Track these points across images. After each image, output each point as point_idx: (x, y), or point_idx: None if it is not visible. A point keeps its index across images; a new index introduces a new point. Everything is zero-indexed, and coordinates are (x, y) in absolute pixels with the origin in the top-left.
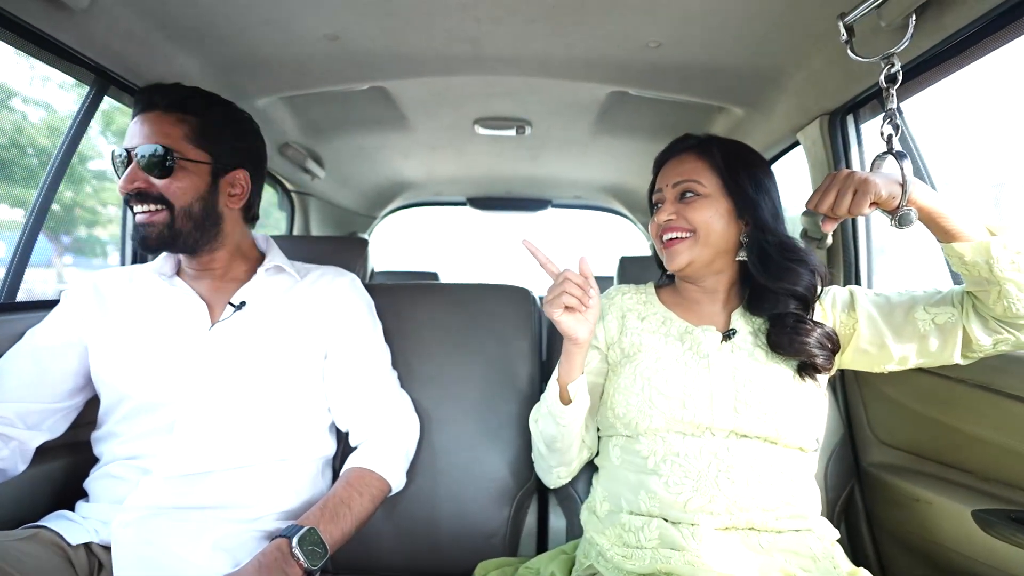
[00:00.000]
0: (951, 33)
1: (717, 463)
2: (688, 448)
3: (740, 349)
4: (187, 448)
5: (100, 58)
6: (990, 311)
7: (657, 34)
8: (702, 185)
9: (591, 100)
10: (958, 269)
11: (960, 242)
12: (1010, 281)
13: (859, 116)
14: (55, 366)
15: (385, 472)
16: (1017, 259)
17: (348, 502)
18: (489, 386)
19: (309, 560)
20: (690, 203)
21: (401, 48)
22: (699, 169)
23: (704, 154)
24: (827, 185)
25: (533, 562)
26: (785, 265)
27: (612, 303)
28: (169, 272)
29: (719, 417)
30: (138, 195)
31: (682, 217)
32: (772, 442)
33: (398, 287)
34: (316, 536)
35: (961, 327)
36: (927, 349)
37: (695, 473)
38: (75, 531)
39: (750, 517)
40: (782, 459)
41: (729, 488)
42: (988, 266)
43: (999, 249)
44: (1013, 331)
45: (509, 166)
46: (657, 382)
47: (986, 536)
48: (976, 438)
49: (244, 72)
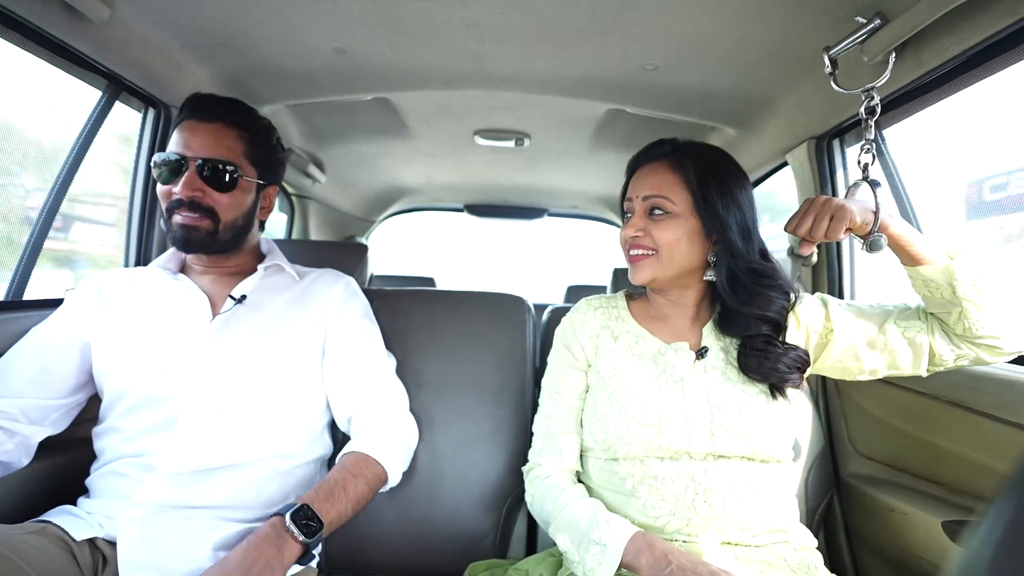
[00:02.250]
0: (929, 69)
1: (694, 486)
2: (665, 472)
3: (713, 368)
4: (190, 444)
5: (115, 66)
6: (952, 330)
7: (653, 58)
8: (671, 202)
9: (589, 116)
10: (921, 292)
11: (925, 266)
12: (970, 302)
13: (844, 140)
14: (58, 363)
15: (383, 458)
16: (978, 282)
17: (344, 484)
18: (482, 392)
19: (304, 534)
20: (657, 221)
21: (407, 63)
22: (670, 184)
23: (677, 167)
24: (805, 210)
25: (522, 564)
26: (755, 290)
27: (585, 322)
28: (174, 268)
29: (696, 442)
30: (190, 203)
31: (648, 235)
32: (749, 459)
33: (395, 293)
34: (310, 511)
35: (928, 341)
36: (896, 361)
37: (672, 497)
38: (79, 527)
39: (727, 536)
40: (759, 475)
41: (706, 511)
42: (951, 288)
43: (962, 272)
44: (973, 348)
45: (507, 175)
46: (633, 410)
47: (955, 546)
48: (949, 452)
49: (253, 81)
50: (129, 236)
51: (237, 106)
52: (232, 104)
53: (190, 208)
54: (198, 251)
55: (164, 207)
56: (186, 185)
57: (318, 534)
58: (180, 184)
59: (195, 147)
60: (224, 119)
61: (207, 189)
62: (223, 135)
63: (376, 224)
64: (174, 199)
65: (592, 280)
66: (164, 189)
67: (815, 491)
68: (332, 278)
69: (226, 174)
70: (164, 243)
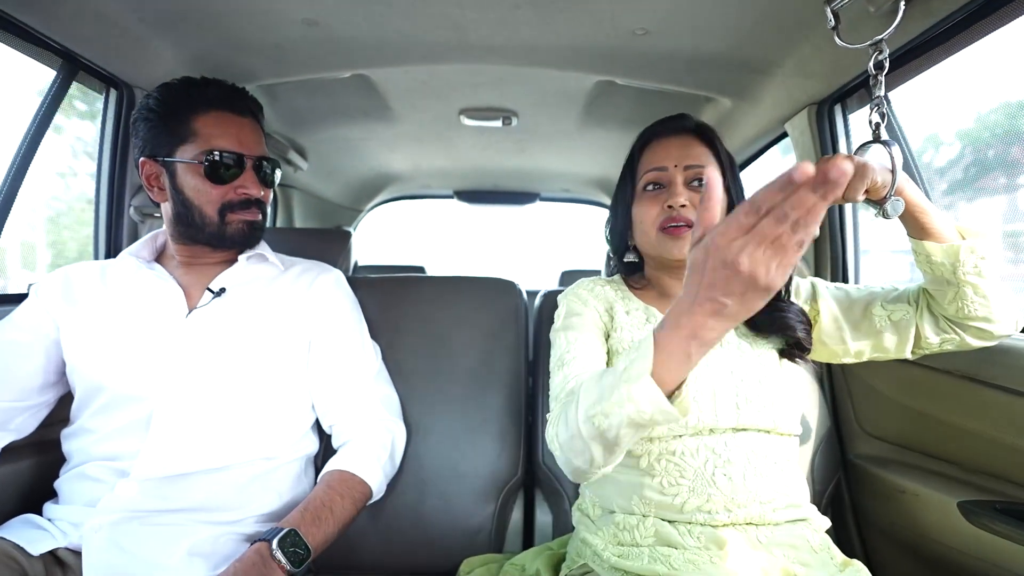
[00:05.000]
0: (941, 18)
1: (714, 459)
2: (684, 446)
3: (728, 342)
4: (165, 447)
5: (67, 41)
6: (943, 311)
7: (644, 21)
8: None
9: (577, 90)
10: (922, 266)
11: (932, 241)
12: (969, 284)
13: (847, 105)
14: (23, 362)
15: (368, 476)
16: (980, 264)
17: (330, 505)
18: (474, 380)
19: (291, 562)
20: (700, 192)
21: (382, 34)
22: (708, 157)
23: (707, 142)
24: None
25: (518, 558)
26: None
27: (592, 294)
28: (148, 256)
29: (722, 416)
30: (257, 201)
31: (693, 206)
32: (767, 431)
33: (381, 280)
34: (297, 537)
35: (914, 324)
36: (881, 344)
37: (691, 472)
38: (37, 538)
39: (748, 512)
40: (775, 448)
41: (726, 485)
42: (952, 268)
43: (967, 253)
44: (959, 332)
45: (496, 159)
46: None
47: (971, 527)
48: (962, 429)
49: (220, 58)
50: (97, 227)
51: (255, 100)
52: (255, 99)
53: (260, 206)
54: (253, 246)
55: (216, 208)
56: (255, 184)
57: (306, 563)
58: (248, 184)
59: (247, 144)
60: (255, 115)
61: (261, 187)
62: (259, 131)
63: (364, 213)
64: (238, 199)
65: (587, 265)
66: (219, 190)
67: (822, 473)
68: (319, 271)
69: (274, 171)
70: (134, 232)
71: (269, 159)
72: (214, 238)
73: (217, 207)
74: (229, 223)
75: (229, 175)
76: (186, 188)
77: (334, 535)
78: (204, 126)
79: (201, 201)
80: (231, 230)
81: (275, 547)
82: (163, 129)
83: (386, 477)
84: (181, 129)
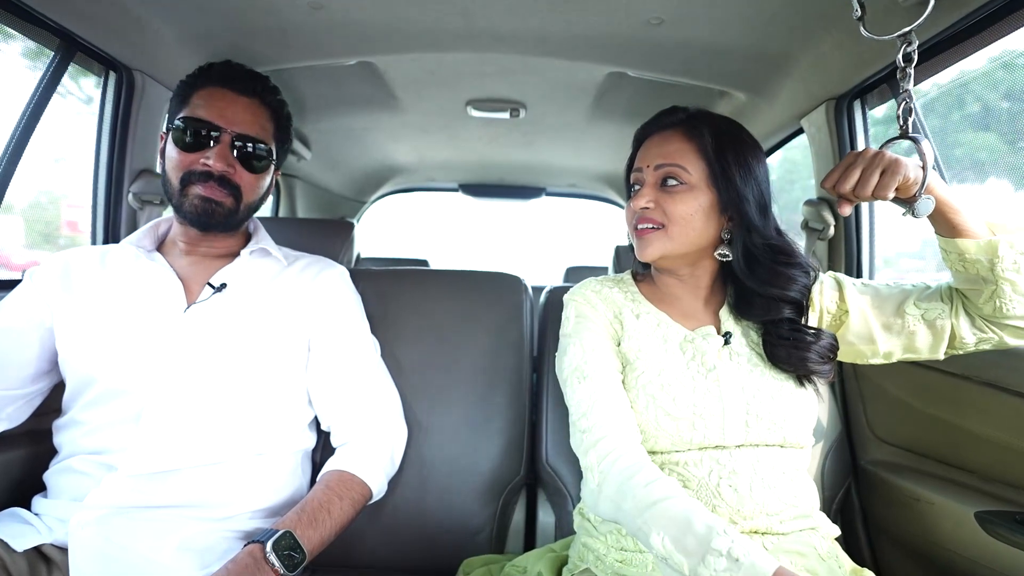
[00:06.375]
0: (974, 9)
1: (719, 470)
2: (688, 457)
3: (739, 355)
4: (155, 442)
5: (65, 21)
6: (978, 310)
7: (659, 10)
8: (686, 172)
9: (588, 82)
10: (953, 266)
11: (965, 238)
12: (1008, 282)
13: (867, 101)
14: (16, 349)
15: (367, 477)
16: (1020, 259)
17: (328, 506)
18: (477, 377)
19: (285, 566)
20: (671, 192)
21: (388, 20)
22: (684, 153)
23: (693, 135)
24: (850, 163)
25: (520, 560)
26: (775, 269)
27: (600, 297)
28: (149, 246)
29: (730, 434)
30: (219, 178)
31: (659, 207)
32: (777, 446)
33: (383, 272)
34: (292, 540)
35: (950, 324)
36: (914, 344)
37: (695, 483)
38: (22, 534)
39: (754, 524)
40: (784, 460)
41: (732, 497)
42: (990, 264)
43: (1006, 248)
44: (997, 331)
45: (502, 152)
46: (663, 401)
47: (989, 538)
48: (980, 436)
49: (222, 41)
50: (95, 212)
51: (269, 85)
52: (265, 81)
53: (218, 182)
54: (213, 229)
55: (178, 176)
56: (220, 157)
57: (300, 566)
58: (213, 155)
59: (231, 119)
60: (261, 96)
61: (237, 166)
62: (259, 113)
63: (368, 205)
64: (199, 170)
65: (593, 261)
66: (184, 157)
67: (832, 479)
68: (323, 267)
69: (259, 154)
70: (133, 219)
71: (254, 139)
72: (178, 211)
73: (180, 175)
74: (186, 196)
75: (195, 144)
76: (166, 155)
77: (331, 537)
78: (198, 98)
79: (170, 167)
80: (187, 204)
81: (269, 550)
82: (175, 102)
83: (386, 477)
84: (183, 103)
